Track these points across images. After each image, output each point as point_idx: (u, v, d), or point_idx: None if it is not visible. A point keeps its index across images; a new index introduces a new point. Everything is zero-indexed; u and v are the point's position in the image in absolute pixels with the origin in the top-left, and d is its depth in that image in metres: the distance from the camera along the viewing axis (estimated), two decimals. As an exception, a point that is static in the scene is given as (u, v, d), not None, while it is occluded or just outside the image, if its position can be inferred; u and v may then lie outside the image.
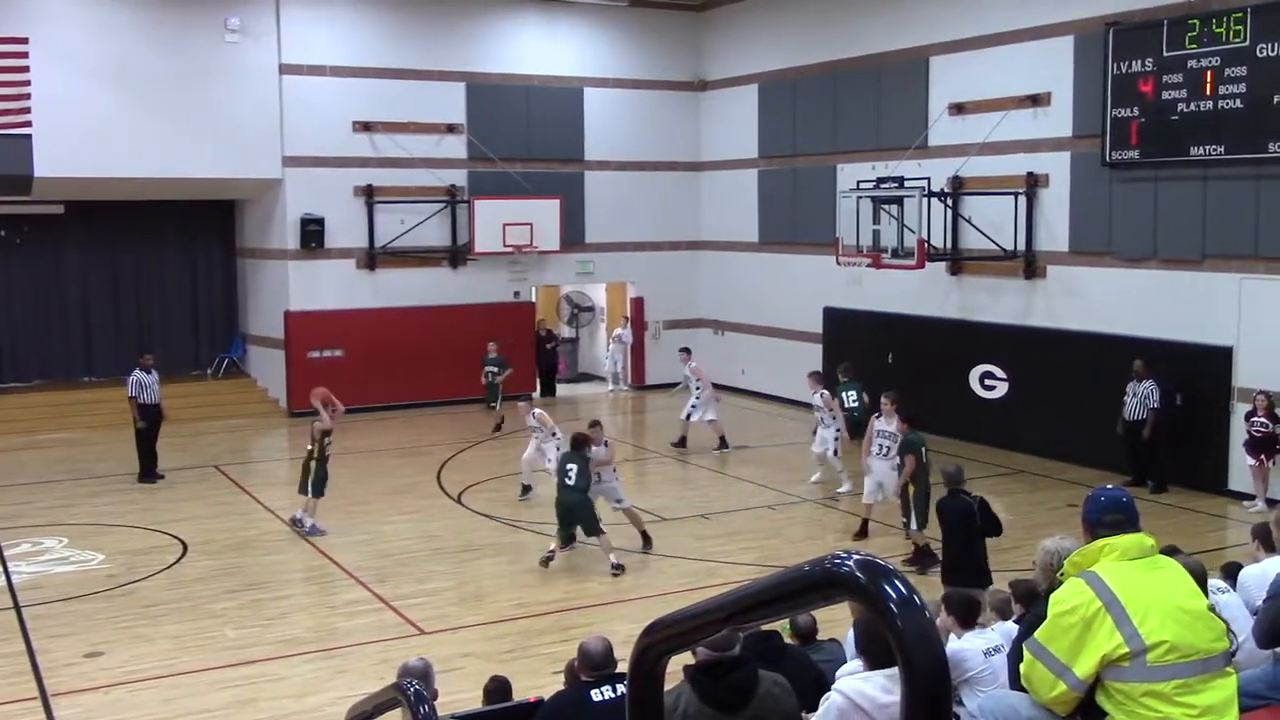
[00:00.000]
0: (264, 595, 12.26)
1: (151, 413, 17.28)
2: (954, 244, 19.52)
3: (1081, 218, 17.69)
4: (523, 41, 23.84)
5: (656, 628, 2.84)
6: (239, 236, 24.34)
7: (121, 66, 20.59)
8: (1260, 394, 14.93)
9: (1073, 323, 17.82)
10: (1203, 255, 16.02)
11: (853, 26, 21.45)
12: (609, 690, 5.51)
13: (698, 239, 25.84)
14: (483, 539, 14.40)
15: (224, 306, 24.53)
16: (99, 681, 9.96)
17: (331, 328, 22.45)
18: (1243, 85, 15.17)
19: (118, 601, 12.04)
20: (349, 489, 16.92)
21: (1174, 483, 16.05)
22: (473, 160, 23.35)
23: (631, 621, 10.27)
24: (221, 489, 16.98)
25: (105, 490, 16.86)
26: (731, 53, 24.61)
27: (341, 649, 10.69)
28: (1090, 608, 3.90)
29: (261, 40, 21.68)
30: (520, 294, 24.36)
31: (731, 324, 24.95)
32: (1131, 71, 16.46)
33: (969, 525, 10.53)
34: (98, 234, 23.05)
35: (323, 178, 22.24)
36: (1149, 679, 3.84)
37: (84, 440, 20.18)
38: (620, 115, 24.77)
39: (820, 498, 16.28)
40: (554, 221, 23.47)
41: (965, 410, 19.40)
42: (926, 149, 19.91)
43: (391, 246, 22.66)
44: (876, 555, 2.17)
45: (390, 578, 12.76)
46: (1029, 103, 18.30)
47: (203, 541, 14.17)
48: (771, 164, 23.71)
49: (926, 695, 2.01)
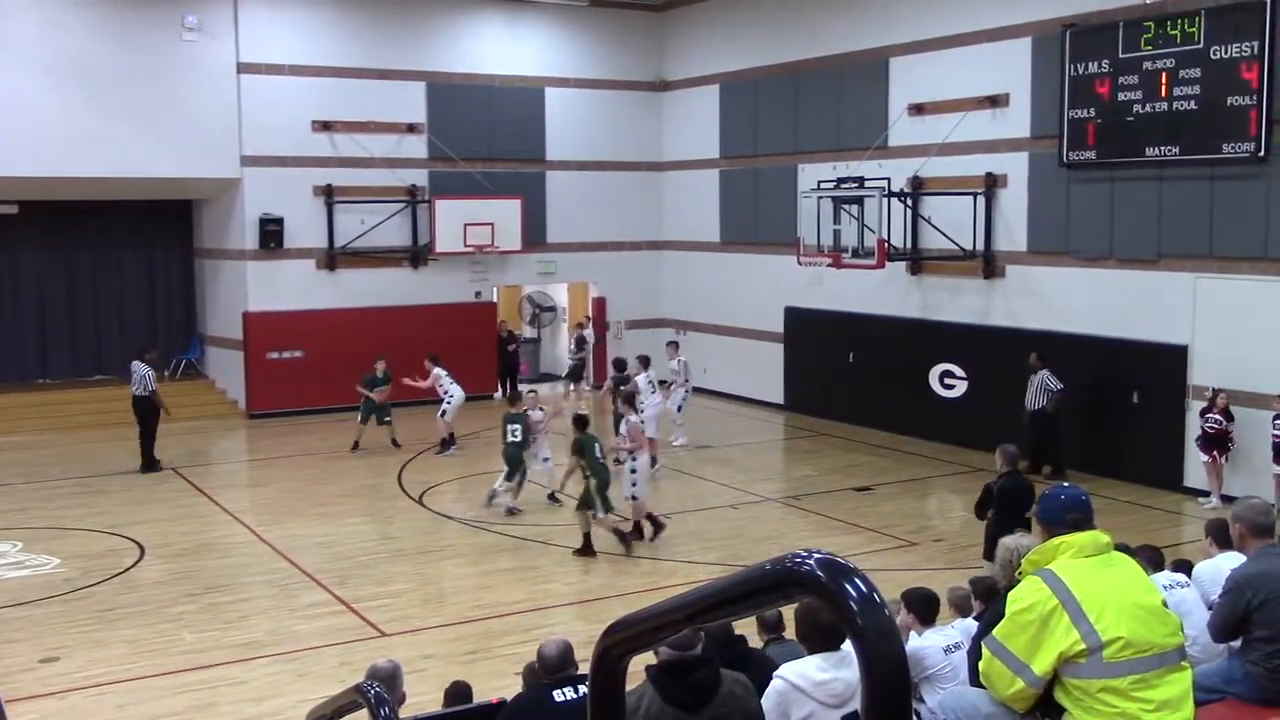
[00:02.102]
0: (222, 598, 12.15)
1: (149, 404, 17.88)
2: (914, 244, 19.64)
3: (1039, 218, 17.85)
4: (484, 41, 23.77)
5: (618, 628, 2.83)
6: (197, 237, 24.12)
7: (77, 65, 20.35)
8: (1214, 391, 15.13)
9: (1031, 322, 17.98)
10: (1158, 255, 16.21)
11: (813, 27, 21.54)
12: (571, 691, 5.50)
13: (660, 239, 25.86)
14: (444, 540, 14.34)
15: (182, 307, 24.30)
16: (54, 687, 9.84)
17: (291, 329, 22.29)
18: (1197, 87, 15.36)
19: (73, 606, 11.89)
20: (309, 490, 16.83)
21: (1130, 479, 16.24)
22: (433, 160, 23.26)
23: (593, 622, 10.27)
24: (179, 491, 16.81)
25: (60, 494, 16.65)
26: (693, 53, 24.66)
27: (301, 652, 10.61)
28: (1047, 605, 3.94)
29: (219, 39, 21.49)
30: (481, 294, 24.28)
31: (694, 324, 24.99)
32: (1088, 73, 16.62)
33: (1023, 506, 10.38)
34: (53, 234, 22.75)
35: (282, 177, 22.07)
36: (1106, 675, 3.88)
37: (38, 443, 19.92)
38: (582, 115, 24.75)
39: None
40: (515, 221, 23.42)
41: (925, 409, 19.53)
42: (886, 149, 20.03)
43: (352, 247, 22.53)
44: (837, 554, 2.18)
45: (350, 580, 12.68)
46: (988, 103, 18.44)
47: (160, 545, 14.03)
48: (733, 164, 23.77)
49: (887, 692, 2.02)
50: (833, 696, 4.68)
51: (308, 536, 14.37)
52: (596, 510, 13.35)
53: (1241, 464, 15.15)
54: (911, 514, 15.37)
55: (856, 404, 20.93)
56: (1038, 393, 16.72)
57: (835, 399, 21.36)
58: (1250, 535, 5.57)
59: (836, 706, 4.68)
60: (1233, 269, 15.41)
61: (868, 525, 14.68)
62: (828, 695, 4.68)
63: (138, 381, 17.82)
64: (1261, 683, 5.07)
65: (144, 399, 17.86)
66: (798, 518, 15.40)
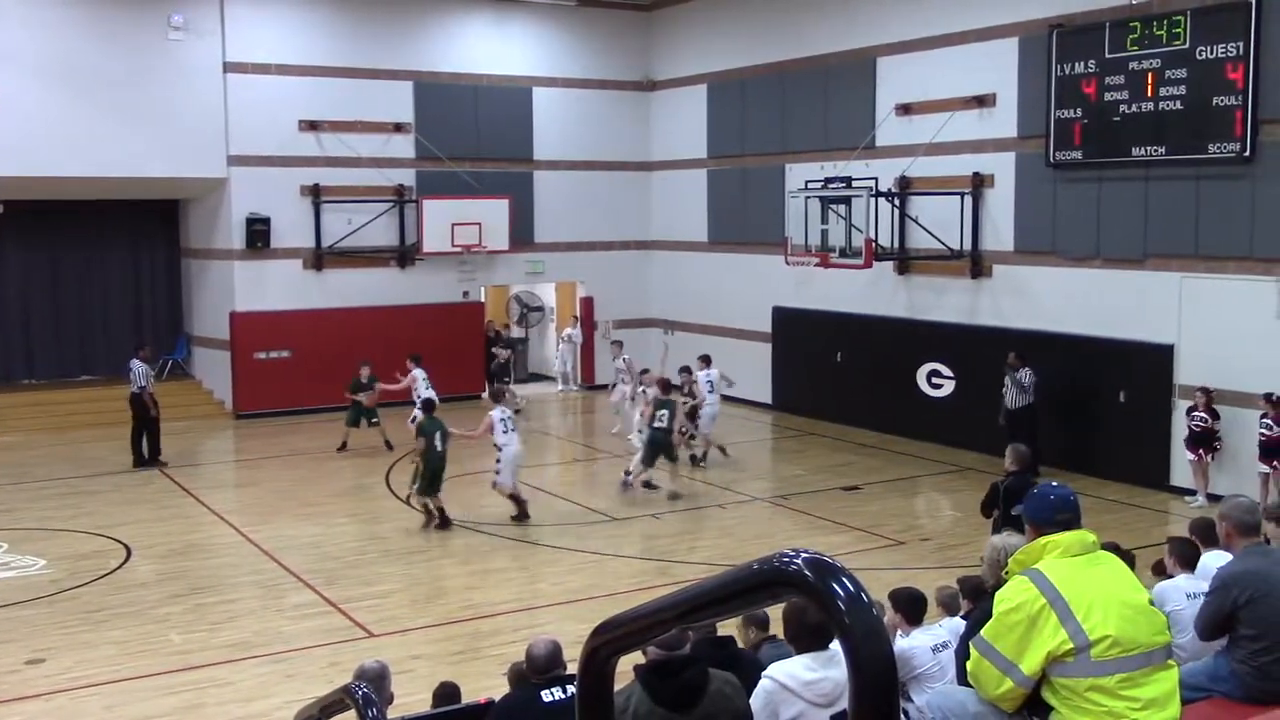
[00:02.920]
0: (210, 599, 12.11)
1: (140, 402, 18.11)
2: (901, 244, 19.67)
3: (1026, 218, 17.90)
4: (471, 40, 23.74)
5: (606, 628, 2.83)
6: (183, 236, 24.04)
7: (63, 64, 20.27)
8: (1200, 390, 15.19)
9: (1018, 321, 18.02)
10: (1144, 255, 16.26)
11: (801, 27, 21.56)
12: (559, 691, 5.50)
13: (647, 238, 25.86)
14: (432, 541, 14.32)
15: (168, 307, 24.21)
16: (41, 689, 9.80)
17: (278, 328, 22.24)
18: (1183, 87, 15.41)
19: (60, 607, 11.84)
20: (297, 491, 16.79)
21: (1116, 479, 16.29)
22: (421, 160, 23.23)
23: (582, 621, 10.25)
24: (166, 492, 16.76)
25: (47, 495, 16.58)
26: (680, 53, 24.66)
27: (289, 653, 10.58)
28: (1035, 605, 3.95)
29: (205, 38, 21.42)
30: (469, 294, 24.25)
31: (681, 323, 24.99)
32: (1075, 73, 16.67)
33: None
34: (38, 234, 22.65)
35: (269, 177, 22.02)
36: (1093, 674, 3.90)
37: (24, 444, 19.84)
38: (569, 115, 24.74)
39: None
40: (503, 221, 23.39)
41: (912, 408, 19.57)
42: (874, 149, 20.06)
43: (339, 247, 22.48)
44: (825, 553, 2.18)
45: (338, 580, 12.65)
46: (974, 104, 18.48)
47: (147, 545, 13.99)
48: (720, 164, 23.78)
49: (875, 691, 2.02)
50: (821, 696, 4.69)
51: (295, 537, 14.34)
52: (414, 489, 14.68)
53: (1227, 463, 15.21)
54: (899, 513, 15.40)
55: (844, 403, 20.96)
56: (1016, 392, 16.80)
57: (823, 398, 21.39)
58: (1237, 534, 5.59)
59: (825, 706, 4.68)
60: (1219, 268, 15.47)
61: (856, 525, 14.70)
62: (816, 695, 4.69)
63: (131, 379, 18.09)
64: (1248, 681, 5.09)
65: (135, 396, 18.04)
66: (786, 517, 15.42)
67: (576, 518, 15.23)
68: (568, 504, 16.05)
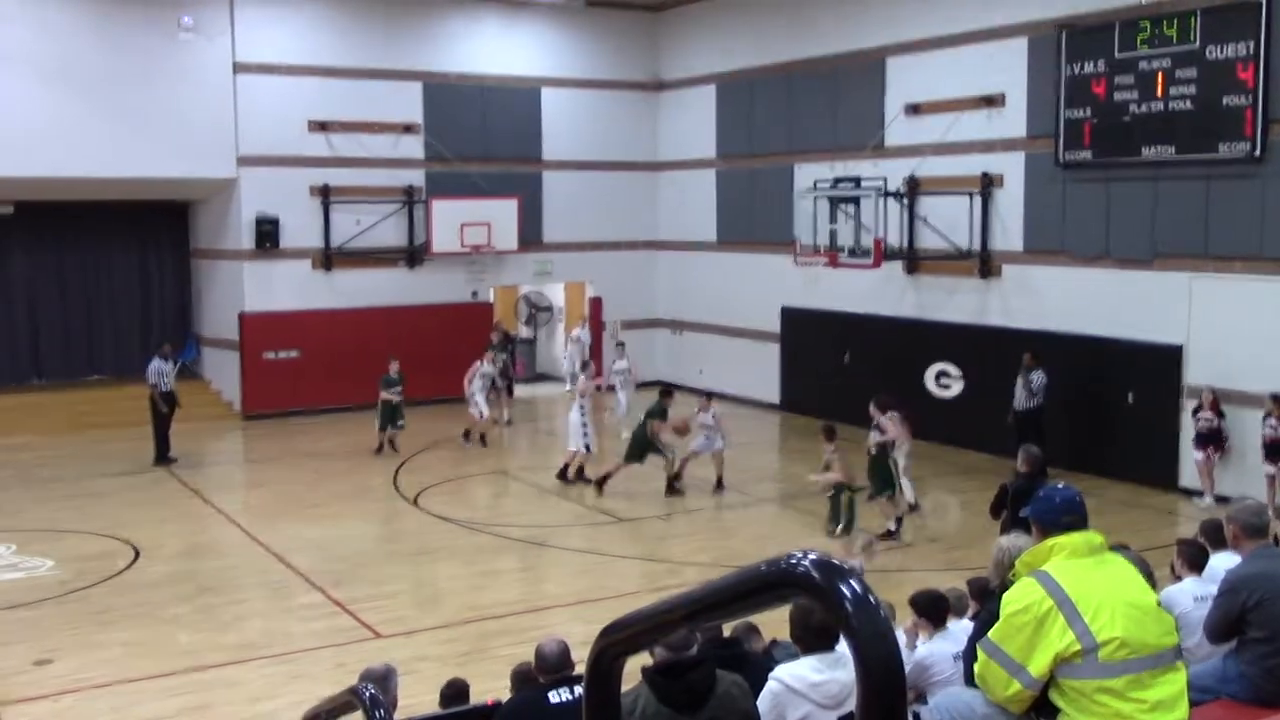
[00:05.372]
0: (217, 600, 12.12)
1: (169, 400, 18.50)
2: (910, 244, 19.64)
3: (1035, 217, 17.86)
4: (480, 41, 23.75)
5: (614, 629, 2.82)
6: (192, 237, 24.08)
7: (72, 66, 20.30)
8: (1207, 390, 15.14)
9: (1027, 322, 17.98)
10: (1154, 255, 16.22)
11: (809, 27, 21.54)
12: (566, 692, 5.49)
13: (655, 239, 25.85)
14: (439, 541, 14.32)
15: (177, 308, 24.24)
16: (49, 690, 9.82)
17: (287, 329, 22.26)
18: (1193, 87, 15.37)
19: (68, 608, 11.86)
20: (304, 492, 16.80)
21: (1124, 479, 16.24)
22: (430, 160, 23.24)
23: (589, 623, 10.25)
24: (174, 493, 16.78)
25: (54, 495, 16.60)
26: (689, 53, 24.65)
27: (296, 653, 10.59)
28: (1042, 607, 3.93)
29: (215, 39, 21.45)
30: (478, 294, 24.27)
31: (690, 324, 24.99)
32: (1084, 73, 16.63)
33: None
34: (47, 235, 22.70)
35: (278, 177, 22.04)
36: (1101, 675, 3.88)
37: (32, 445, 19.86)
38: (578, 115, 24.73)
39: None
40: (511, 221, 23.40)
41: (920, 409, 19.47)
42: (883, 149, 20.03)
43: (348, 247, 22.51)
44: (831, 555, 2.17)
45: (346, 581, 12.65)
46: (983, 104, 18.44)
47: (155, 546, 14.00)
48: (729, 164, 23.76)
49: (882, 693, 2.01)
50: (828, 698, 4.68)
51: (303, 538, 14.34)
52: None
53: (1234, 463, 15.16)
54: (906, 514, 15.33)
55: (852, 404, 20.86)
56: (1026, 394, 16.76)
57: (831, 399, 21.33)
58: (1245, 536, 5.56)
59: (832, 708, 4.67)
60: (1228, 268, 15.41)
61: (862, 526, 14.65)
62: (823, 696, 4.68)
63: (164, 379, 18.50)
64: (1257, 683, 5.08)
65: (169, 395, 18.55)
66: (792, 518, 15.39)
67: (583, 518, 15.23)
68: (573, 505, 16.04)
